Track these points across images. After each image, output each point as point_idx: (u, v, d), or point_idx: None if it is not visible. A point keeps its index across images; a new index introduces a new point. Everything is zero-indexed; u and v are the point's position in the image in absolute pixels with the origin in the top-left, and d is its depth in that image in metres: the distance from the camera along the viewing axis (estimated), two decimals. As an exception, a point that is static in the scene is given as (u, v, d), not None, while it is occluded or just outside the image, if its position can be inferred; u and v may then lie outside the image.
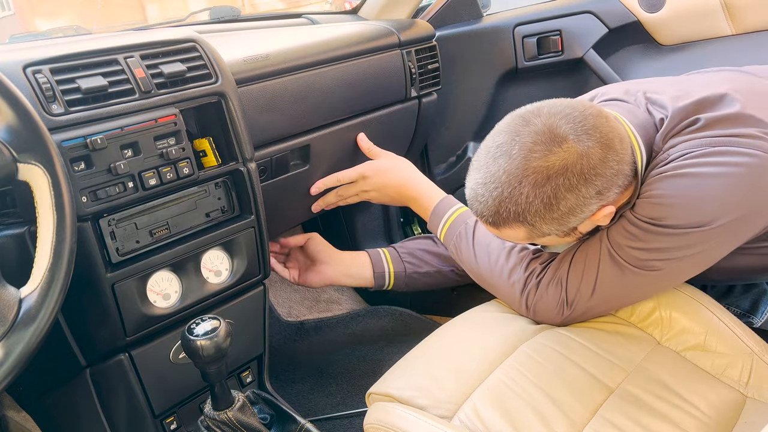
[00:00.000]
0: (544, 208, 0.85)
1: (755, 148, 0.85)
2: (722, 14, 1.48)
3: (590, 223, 0.91)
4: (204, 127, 1.06)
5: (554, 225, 0.87)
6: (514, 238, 0.92)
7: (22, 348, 0.67)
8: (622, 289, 0.94)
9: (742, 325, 0.97)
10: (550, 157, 0.83)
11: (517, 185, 0.84)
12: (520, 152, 0.84)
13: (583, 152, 0.83)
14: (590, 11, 1.59)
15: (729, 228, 0.87)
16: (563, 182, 0.83)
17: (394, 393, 0.87)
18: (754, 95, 0.92)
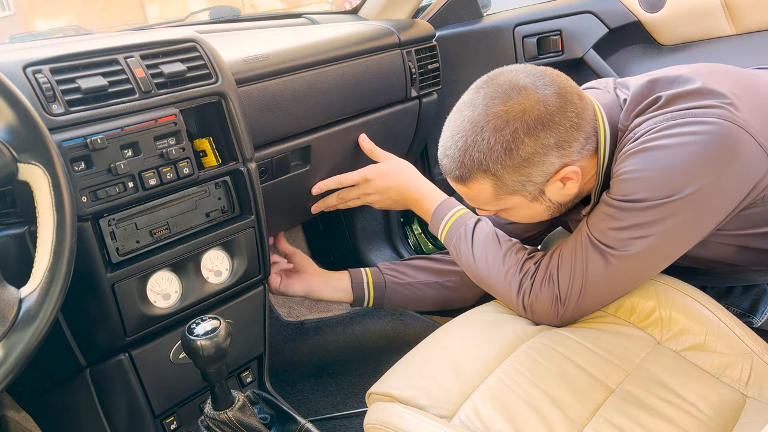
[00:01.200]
0: (504, 154, 0.89)
1: (714, 116, 0.87)
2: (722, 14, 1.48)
3: (557, 188, 0.95)
4: (204, 127, 1.06)
5: (517, 176, 0.91)
6: (481, 196, 0.96)
7: (22, 348, 0.67)
8: (609, 278, 0.94)
9: (742, 324, 0.97)
10: (509, 103, 0.89)
11: (480, 131, 0.90)
12: (482, 102, 0.91)
13: (541, 99, 0.89)
14: (590, 11, 1.59)
15: (699, 197, 0.88)
16: (521, 126, 0.88)
17: (394, 393, 0.87)
18: (716, 75, 0.95)
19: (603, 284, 0.95)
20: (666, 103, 0.92)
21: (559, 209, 1.02)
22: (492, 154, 0.89)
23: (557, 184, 0.94)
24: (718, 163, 0.87)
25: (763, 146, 0.88)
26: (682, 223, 0.90)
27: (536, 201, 0.97)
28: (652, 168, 0.89)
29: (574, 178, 0.94)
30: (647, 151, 0.90)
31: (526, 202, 0.96)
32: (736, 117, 0.87)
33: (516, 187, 0.93)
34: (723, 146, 0.86)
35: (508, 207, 0.99)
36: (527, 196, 0.95)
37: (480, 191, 0.95)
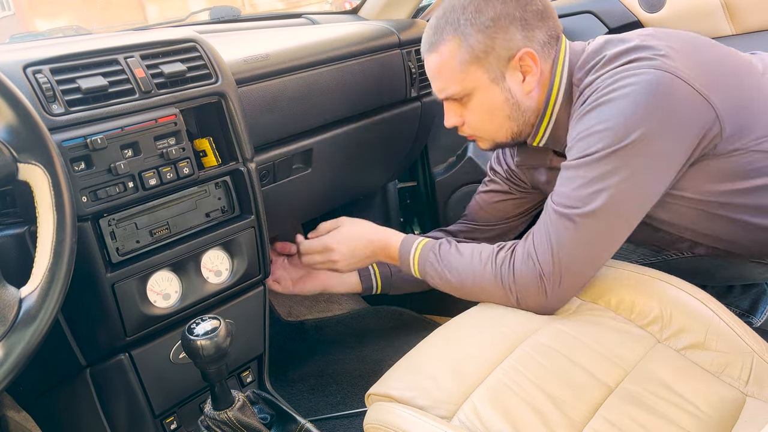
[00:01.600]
0: (475, 11, 1.01)
1: (647, 67, 0.94)
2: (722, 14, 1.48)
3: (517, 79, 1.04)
4: (204, 127, 1.06)
5: (482, 37, 1.01)
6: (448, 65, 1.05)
7: (23, 348, 0.67)
8: (581, 240, 0.96)
9: (743, 323, 0.96)
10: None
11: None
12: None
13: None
14: (590, 11, 1.60)
15: (646, 142, 0.92)
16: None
17: (393, 394, 0.87)
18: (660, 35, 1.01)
19: (577, 248, 0.97)
20: (607, 62, 0.99)
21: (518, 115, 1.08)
22: (464, 12, 1.02)
23: (517, 75, 1.04)
24: (656, 108, 0.92)
25: (702, 93, 0.93)
26: (637, 171, 0.93)
27: (496, 84, 1.04)
28: (597, 123, 0.95)
29: (532, 70, 1.03)
30: (593, 110, 0.96)
31: (487, 80, 1.04)
32: (668, 65, 0.93)
33: (479, 52, 1.02)
34: (658, 92, 0.92)
35: (471, 87, 1.05)
36: (489, 72, 1.03)
37: (448, 55, 1.04)
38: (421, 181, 1.80)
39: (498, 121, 1.08)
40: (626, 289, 1.03)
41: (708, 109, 0.94)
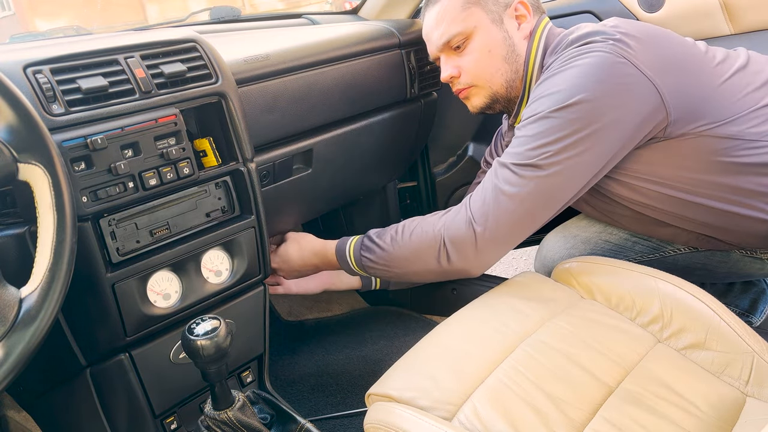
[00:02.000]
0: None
1: (595, 50, 1.00)
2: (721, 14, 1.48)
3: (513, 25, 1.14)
4: (204, 127, 1.06)
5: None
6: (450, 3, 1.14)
7: (23, 348, 0.67)
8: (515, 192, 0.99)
9: (743, 323, 0.96)
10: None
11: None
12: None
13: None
14: (590, 11, 1.59)
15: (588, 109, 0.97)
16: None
17: (393, 394, 0.87)
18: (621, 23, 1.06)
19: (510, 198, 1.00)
20: (567, 45, 1.06)
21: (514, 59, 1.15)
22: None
23: (513, 22, 1.14)
24: (600, 81, 0.97)
25: (647, 75, 0.98)
26: (575, 132, 0.97)
27: (496, 24, 1.14)
28: (544, 90, 1.02)
29: (526, 17, 1.14)
30: (543, 82, 1.03)
31: (487, 21, 1.13)
32: (618, 48, 0.99)
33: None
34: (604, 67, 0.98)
35: (472, 26, 1.13)
36: (489, 13, 1.13)
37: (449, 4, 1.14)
38: (421, 181, 1.80)
39: (496, 62, 1.15)
40: (626, 287, 1.03)
41: (652, 90, 0.98)
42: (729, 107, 1.01)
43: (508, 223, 1.01)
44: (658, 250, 1.23)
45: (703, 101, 1.01)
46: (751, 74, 1.07)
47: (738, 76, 1.05)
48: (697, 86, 1.02)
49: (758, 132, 1.00)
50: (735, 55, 1.11)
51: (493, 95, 1.18)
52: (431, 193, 1.79)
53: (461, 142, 1.74)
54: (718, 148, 1.01)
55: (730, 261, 1.18)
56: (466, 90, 1.19)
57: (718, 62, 1.07)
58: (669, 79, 1.00)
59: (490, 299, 1.08)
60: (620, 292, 1.04)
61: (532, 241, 1.41)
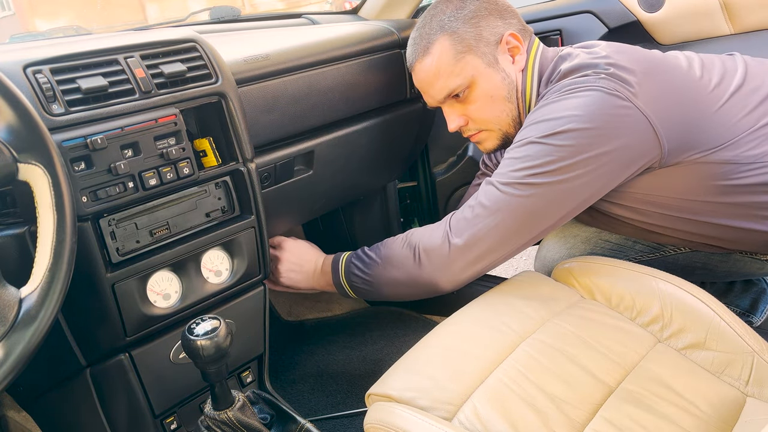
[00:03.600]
0: (456, 9, 1.12)
1: (589, 86, 1.00)
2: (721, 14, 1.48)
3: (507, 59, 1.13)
4: (204, 127, 1.06)
5: (470, 27, 1.11)
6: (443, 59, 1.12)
7: (23, 348, 0.67)
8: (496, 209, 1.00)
9: (743, 323, 0.96)
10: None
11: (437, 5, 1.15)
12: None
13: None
14: (590, 11, 1.59)
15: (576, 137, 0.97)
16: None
17: (393, 394, 0.87)
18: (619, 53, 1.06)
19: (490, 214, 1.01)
20: (561, 77, 1.06)
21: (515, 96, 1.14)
22: (445, 13, 1.12)
23: (507, 57, 1.13)
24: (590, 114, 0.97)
25: (644, 113, 0.98)
26: (563, 160, 0.98)
27: (492, 68, 1.12)
28: (536, 117, 1.02)
29: (519, 48, 1.12)
30: (539, 109, 1.04)
31: (483, 66, 1.12)
32: (611, 84, 0.99)
33: (470, 41, 1.11)
34: (595, 103, 0.98)
35: (469, 77, 1.12)
36: (483, 58, 1.11)
37: (442, 51, 1.12)
38: (421, 181, 1.80)
39: (499, 105, 1.14)
40: (626, 287, 1.03)
41: (645, 125, 0.98)
42: (724, 133, 1.01)
43: (484, 237, 1.01)
44: (658, 250, 1.23)
45: (699, 130, 1.01)
46: (746, 94, 1.06)
47: (734, 100, 1.05)
48: (693, 116, 1.02)
49: (754, 154, 1.01)
50: (731, 72, 1.09)
51: (504, 135, 1.18)
52: (431, 193, 1.79)
53: (461, 142, 1.74)
54: (714, 172, 1.01)
55: (730, 261, 1.18)
56: (476, 135, 1.19)
57: (713, 86, 1.06)
58: (663, 112, 0.99)
59: (490, 299, 1.08)
60: (620, 291, 1.04)
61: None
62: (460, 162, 1.73)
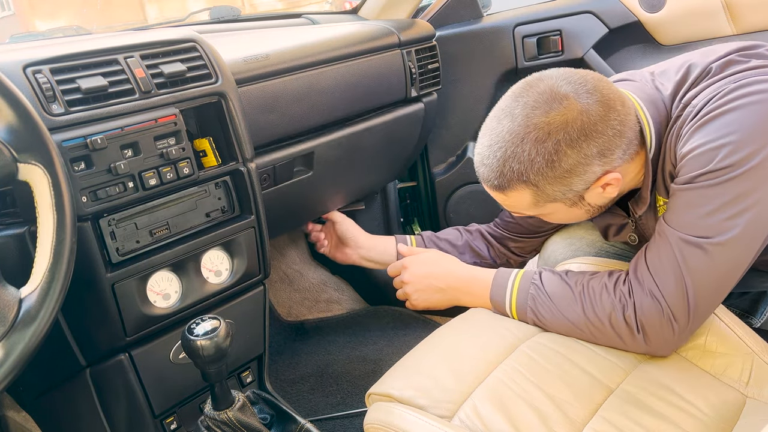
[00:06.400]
0: (546, 165, 0.86)
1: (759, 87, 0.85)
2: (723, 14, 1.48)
3: (597, 193, 0.92)
4: (204, 127, 1.06)
5: (558, 186, 0.89)
6: (520, 204, 0.93)
7: (23, 348, 0.67)
8: (716, 272, 0.86)
9: (743, 324, 0.96)
10: (551, 113, 0.86)
11: (520, 143, 0.87)
12: (522, 111, 0.87)
13: (584, 109, 0.86)
14: (590, 11, 1.59)
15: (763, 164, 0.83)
16: (564, 137, 0.85)
17: (393, 393, 0.87)
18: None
19: (711, 281, 0.87)
20: (718, 71, 0.90)
21: (598, 211, 1.00)
22: (533, 166, 0.86)
23: (598, 190, 0.92)
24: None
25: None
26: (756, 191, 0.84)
27: (575, 206, 0.95)
28: (725, 134, 0.84)
29: (614, 184, 0.91)
30: (715, 119, 0.85)
31: (565, 208, 0.95)
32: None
33: (556, 196, 0.91)
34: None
35: (547, 213, 0.97)
36: (567, 202, 0.93)
37: (519, 200, 0.93)
38: (421, 181, 1.80)
39: (577, 220, 1.03)
40: (626, 289, 1.03)
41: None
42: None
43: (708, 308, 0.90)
44: None
45: None
46: None
47: None
48: None
49: None
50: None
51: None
52: (431, 193, 1.79)
53: (461, 142, 1.74)
54: None
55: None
56: None
57: None
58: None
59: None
60: (620, 292, 1.03)
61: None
62: (460, 162, 1.73)
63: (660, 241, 0.90)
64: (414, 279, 1.15)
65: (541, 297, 0.97)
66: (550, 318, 0.97)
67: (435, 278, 1.12)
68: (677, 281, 0.87)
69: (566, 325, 0.95)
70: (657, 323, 0.88)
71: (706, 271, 0.86)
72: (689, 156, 0.87)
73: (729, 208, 0.84)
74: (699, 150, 0.86)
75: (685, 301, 0.86)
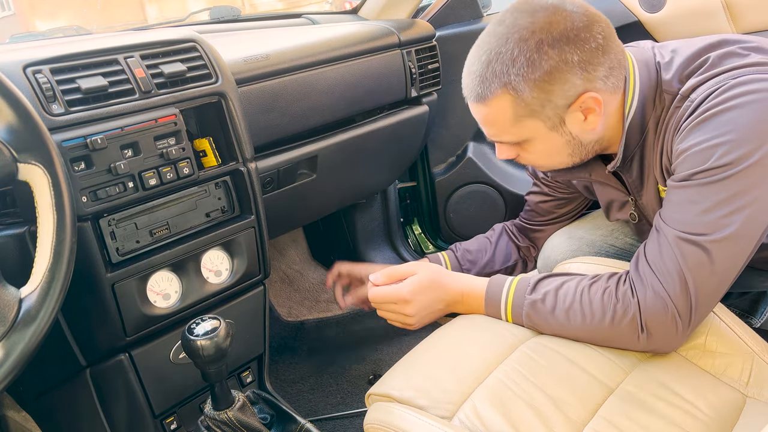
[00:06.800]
0: (527, 65, 0.87)
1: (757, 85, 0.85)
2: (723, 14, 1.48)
3: (578, 119, 0.92)
4: (204, 127, 1.06)
5: (537, 92, 0.89)
6: (500, 117, 0.93)
7: (23, 348, 0.67)
8: (716, 269, 0.86)
9: (743, 324, 0.96)
10: (536, 15, 0.88)
11: (504, 42, 0.89)
12: (510, 16, 0.91)
13: (569, 16, 0.88)
14: (590, 11, 1.59)
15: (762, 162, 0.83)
16: (546, 37, 0.87)
17: (393, 394, 0.87)
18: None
19: (711, 278, 0.86)
20: (716, 63, 0.90)
21: (580, 151, 0.98)
22: (514, 65, 0.87)
23: (578, 115, 0.91)
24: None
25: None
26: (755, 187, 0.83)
27: (555, 130, 0.93)
28: (723, 132, 0.84)
29: (595, 110, 0.91)
30: (712, 118, 0.85)
31: (545, 130, 0.93)
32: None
33: (535, 106, 0.90)
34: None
35: (527, 137, 0.95)
36: (546, 122, 0.92)
37: (499, 110, 0.92)
38: (421, 181, 1.80)
39: (558, 158, 1.00)
40: (626, 289, 1.03)
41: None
42: None
43: (709, 304, 0.89)
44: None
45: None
46: None
47: None
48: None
49: None
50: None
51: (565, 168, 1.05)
52: (431, 193, 1.79)
53: (461, 143, 1.74)
54: None
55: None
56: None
57: None
58: None
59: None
60: (620, 292, 1.03)
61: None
62: (460, 162, 1.73)
63: (659, 239, 0.90)
64: (418, 311, 1.07)
65: (539, 308, 0.96)
66: (551, 329, 0.96)
67: (437, 302, 1.07)
68: (680, 278, 0.86)
69: (566, 332, 0.95)
70: (662, 321, 0.88)
71: (706, 268, 0.86)
72: (686, 153, 0.87)
73: (726, 205, 0.84)
74: (696, 148, 0.86)
75: (687, 298, 0.86)
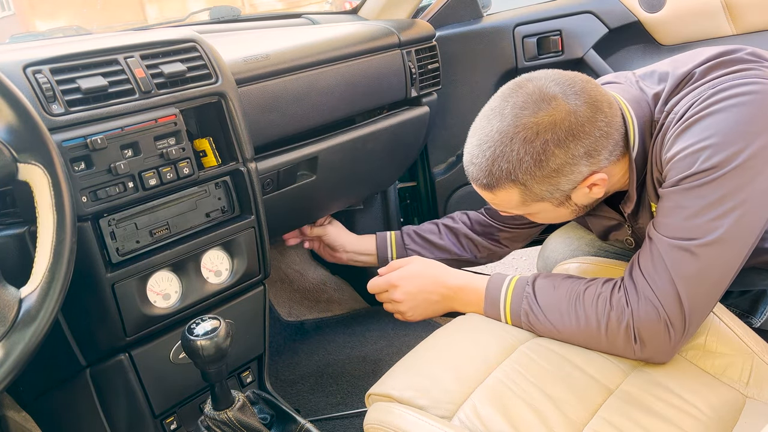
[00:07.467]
0: (534, 165, 0.88)
1: (755, 77, 0.86)
2: (723, 14, 1.48)
3: (584, 193, 0.93)
4: (204, 127, 1.06)
5: (546, 185, 0.90)
6: (508, 203, 0.94)
7: (23, 348, 0.67)
8: (706, 274, 0.86)
9: (743, 324, 0.97)
10: (540, 114, 0.87)
11: (509, 142, 0.88)
12: (511, 111, 0.89)
13: (572, 110, 0.87)
14: (590, 11, 1.60)
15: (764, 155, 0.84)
16: (552, 137, 0.87)
17: (393, 393, 0.87)
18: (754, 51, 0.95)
19: (702, 284, 0.87)
20: (700, 76, 0.91)
21: (584, 210, 1.02)
22: (521, 165, 0.88)
23: (584, 190, 0.93)
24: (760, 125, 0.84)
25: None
26: (759, 189, 0.84)
27: (562, 206, 0.96)
28: (706, 137, 0.85)
29: (600, 185, 0.93)
30: (695, 124, 0.87)
31: (552, 207, 0.96)
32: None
33: (544, 195, 0.92)
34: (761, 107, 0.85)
35: (534, 212, 0.98)
36: (554, 202, 0.94)
37: (507, 199, 0.94)
38: (421, 181, 1.80)
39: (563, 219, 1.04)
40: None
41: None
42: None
43: (704, 311, 0.89)
44: None
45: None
46: None
47: None
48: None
49: None
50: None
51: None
52: (431, 193, 1.79)
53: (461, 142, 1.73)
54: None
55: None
56: None
57: None
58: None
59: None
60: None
61: (536, 240, 1.42)
62: (460, 162, 1.73)
63: (651, 246, 0.91)
64: (407, 297, 1.12)
65: (535, 310, 0.97)
66: (546, 333, 0.97)
67: (428, 292, 1.10)
68: (671, 286, 0.87)
69: (561, 337, 0.96)
70: (654, 331, 0.88)
71: (696, 274, 0.86)
72: (673, 161, 0.88)
73: (714, 209, 0.85)
74: (682, 154, 0.87)
75: (680, 306, 0.86)
